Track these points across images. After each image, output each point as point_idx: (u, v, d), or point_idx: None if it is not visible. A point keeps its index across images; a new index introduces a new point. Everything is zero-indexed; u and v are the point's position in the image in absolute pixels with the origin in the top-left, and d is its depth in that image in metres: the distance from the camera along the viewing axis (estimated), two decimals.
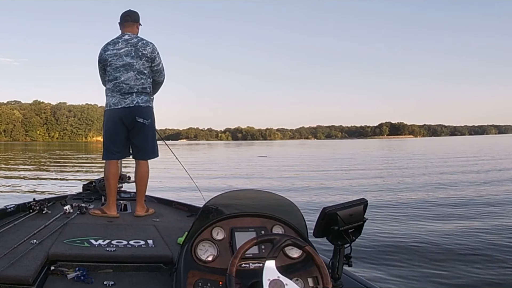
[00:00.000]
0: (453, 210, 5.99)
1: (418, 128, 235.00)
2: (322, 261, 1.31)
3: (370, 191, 8.19)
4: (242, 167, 17.04)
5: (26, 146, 57.82)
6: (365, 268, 3.36)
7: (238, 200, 1.71)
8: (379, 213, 5.70)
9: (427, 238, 4.28)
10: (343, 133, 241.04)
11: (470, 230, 4.57)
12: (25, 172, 14.16)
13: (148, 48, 3.04)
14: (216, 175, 13.06)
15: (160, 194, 3.91)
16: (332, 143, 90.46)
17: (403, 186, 9.08)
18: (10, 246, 1.93)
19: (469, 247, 3.95)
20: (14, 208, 2.77)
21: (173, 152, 3.69)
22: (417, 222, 5.13)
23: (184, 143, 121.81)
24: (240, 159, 24.77)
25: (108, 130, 3.06)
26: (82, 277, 1.76)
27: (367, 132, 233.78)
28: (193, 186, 3.76)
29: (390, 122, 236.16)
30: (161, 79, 3.22)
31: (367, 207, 1.48)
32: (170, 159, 4.21)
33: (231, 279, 1.20)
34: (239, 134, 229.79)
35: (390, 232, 4.58)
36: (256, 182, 10.82)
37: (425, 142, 73.56)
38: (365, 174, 12.37)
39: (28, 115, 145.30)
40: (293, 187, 9.51)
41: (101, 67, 3.12)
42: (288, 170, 14.96)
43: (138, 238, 2.26)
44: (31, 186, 9.79)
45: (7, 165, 18.59)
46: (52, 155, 29.96)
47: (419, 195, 7.60)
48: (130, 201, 3.39)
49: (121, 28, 3.13)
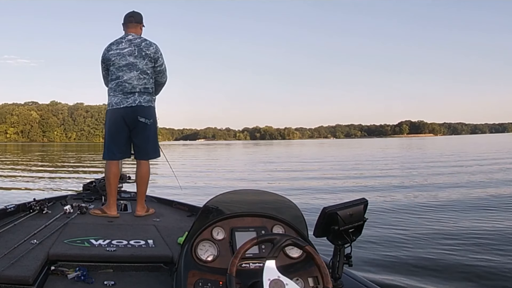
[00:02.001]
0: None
1: (438, 126, 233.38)
2: (322, 261, 1.31)
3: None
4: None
5: (43, 147, 57.05)
6: (365, 268, 3.36)
7: (238, 200, 1.71)
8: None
9: (430, 237, 4.28)
10: (363, 132, 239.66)
11: (476, 231, 4.57)
12: (25, 172, 14.16)
13: (152, 48, 3.05)
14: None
15: (160, 194, 3.91)
16: (352, 142, 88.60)
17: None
18: (10, 246, 1.93)
19: (473, 246, 3.95)
20: (14, 208, 2.77)
21: (164, 154, 3.63)
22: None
23: (202, 143, 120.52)
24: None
25: (110, 129, 3.07)
26: (82, 277, 1.76)
27: (387, 131, 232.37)
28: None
29: (410, 121, 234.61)
30: (164, 80, 3.23)
31: (367, 206, 1.49)
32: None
33: (232, 279, 1.20)
34: (257, 134, 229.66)
35: (391, 231, 4.59)
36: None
37: (448, 140, 71.16)
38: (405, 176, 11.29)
39: (45, 116, 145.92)
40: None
41: (104, 67, 3.13)
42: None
43: (139, 238, 2.27)
44: (31, 186, 9.79)
45: (7, 165, 18.59)
46: (52, 155, 29.98)
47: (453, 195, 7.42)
48: (130, 201, 3.40)
49: (125, 28, 3.15)
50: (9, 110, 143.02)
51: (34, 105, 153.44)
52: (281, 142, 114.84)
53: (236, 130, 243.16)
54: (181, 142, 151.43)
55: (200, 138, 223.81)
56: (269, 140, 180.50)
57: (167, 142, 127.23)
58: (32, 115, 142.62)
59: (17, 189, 9.25)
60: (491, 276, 3.19)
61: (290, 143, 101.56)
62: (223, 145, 75.45)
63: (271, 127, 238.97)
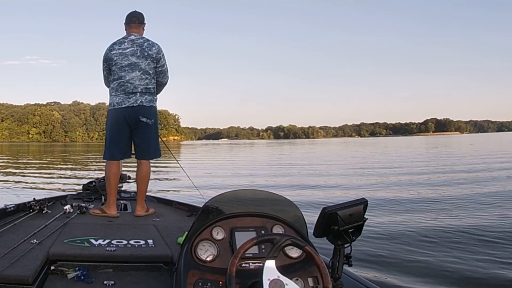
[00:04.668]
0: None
1: (465, 124, 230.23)
2: (322, 261, 1.31)
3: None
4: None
5: (66, 147, 56.36)
6: (365, 268, 3.36)
7: (238, 200, 1.71)
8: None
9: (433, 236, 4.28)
10: (388, 130, 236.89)
11: (472, 226, 4.57)
12: (25, 172, 14.16)
13: (154, 48, 3.06)
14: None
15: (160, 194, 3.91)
16: (378, 140, 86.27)
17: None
18: (10, 246, 1.93)
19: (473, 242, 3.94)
20: (14, 207, 2.77)
21: (172, 154, 3.68)
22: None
23: (225, 142, 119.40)
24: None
25: (111, 129, 3.08)
26: (82, 276, 1.76)
27: (412, 129, 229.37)
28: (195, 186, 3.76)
29: (436, 118, 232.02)
30: (165, 81, 3.24)
31: (367, 207, 1.49)
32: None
33: (231, 279, 1.20)
34: (281, 133, 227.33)
35: (393, 229, 4.59)
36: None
37: (476, 138, 69.19)
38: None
39: (67, 116, 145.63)
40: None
41: (105, 66, 3.13)
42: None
43: (138, 238, 2.27)
44: (31, 186, 9.79)
45: (7, 165, 18.59)
46: (52, 155, 29.97)
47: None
48: (130, 201, 3.40)
49: (127, 28, 3.15)
50: (31, 110, 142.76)
51: (56, 105, 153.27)
52: (305, 141, 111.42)
53: (260, 129, 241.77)
54: (203, 142, 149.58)
55: (223, 138, 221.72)
56: (292, 139, 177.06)
57: (189, 142, 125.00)
58: (54, 115, 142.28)
59: (17, 188, 9.25)
60: (491, 276, 3.19)
61: (314, 142, 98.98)
62: (246, 145, 73.54)
63: (295, 125, 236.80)
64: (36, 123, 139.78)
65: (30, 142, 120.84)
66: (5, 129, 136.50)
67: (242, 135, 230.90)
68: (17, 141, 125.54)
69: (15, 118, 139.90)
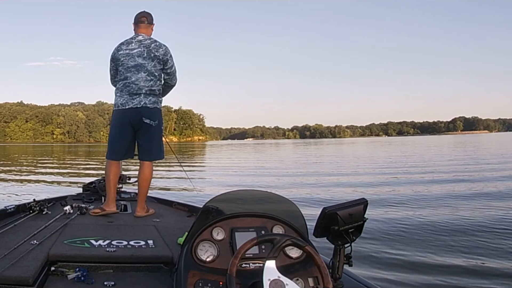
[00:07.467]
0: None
1: (493, 122, 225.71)
2: (322, 261, 1.31)
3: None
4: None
5: (90, 148, 55.56)
6: (365, 268, 3.36)
7: (238, 200, 1.71)
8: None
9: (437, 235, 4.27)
10: (415, 129, 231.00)
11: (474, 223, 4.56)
12: (25, 172, 14.15)
13: (161, 50, 3.05)
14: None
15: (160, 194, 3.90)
16: (406, 139, 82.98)
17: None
18: (10, 247, 1.93)
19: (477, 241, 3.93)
20: (14, 208, 2.77)
21: (175, 154, 3.69)
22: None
23: (250, 142, 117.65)
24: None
25: (114, 130, 3.09)
26: (82, 277, 1.76)
27: (440, 128, 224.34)
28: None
29: (464, 117, 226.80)
30: (173, 82, 3.24)
31: (367, 207, 1.49)
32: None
33: (232, 279, 1.20)
34: (307, 132, 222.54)
35: (396, 228, 4.58)
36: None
37: (505, 137, 66.83)
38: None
39: (91, 116, 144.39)
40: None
41: (113, 66, 3.14)
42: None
43: (138, 238, 2.27)
44: (31, 187, 9.78)
45: (7, 165, 18.58)
46: (52, 155, 29.96)
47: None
48: (130, 202, 3.40)
49: (135, 28, 3.15)
50: (55, 111, 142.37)
51: (80, 105, 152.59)
52: (331, 141, 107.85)
53: (285, 129, 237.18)
54: (229, 141, 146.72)
55: (249, 137, 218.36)
56: (319, 139, 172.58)
57: (214, 142, 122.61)
58: (78, 115, 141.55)
59: (17, 189, 9.25)
60: (492, 275, 3.19)
61: (341, 141, 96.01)
62: (272, 144, 71.51)
63: (321, 125, 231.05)
64: (60, 123, 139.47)
65: (54, 143, 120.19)
66: (29, 130, 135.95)
67: (267, 135, 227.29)
68: (41, 142, 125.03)
69: (39, 118, 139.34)
